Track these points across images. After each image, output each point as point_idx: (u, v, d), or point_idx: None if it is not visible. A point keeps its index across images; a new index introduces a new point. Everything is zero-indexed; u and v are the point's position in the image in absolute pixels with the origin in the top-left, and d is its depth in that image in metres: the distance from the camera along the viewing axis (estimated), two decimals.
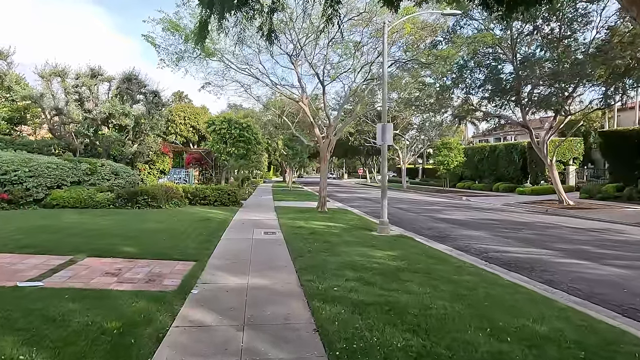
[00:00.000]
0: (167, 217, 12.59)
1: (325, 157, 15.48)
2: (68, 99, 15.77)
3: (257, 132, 23.59)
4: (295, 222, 12.66)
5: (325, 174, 15.67)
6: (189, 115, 37.47)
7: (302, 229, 11.33)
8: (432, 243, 10.23)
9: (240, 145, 22.68)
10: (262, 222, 12.84)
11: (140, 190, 14.49)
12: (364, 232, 11.33)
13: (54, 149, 16.08)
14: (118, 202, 14.04)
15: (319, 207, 15.65)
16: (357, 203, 23.70)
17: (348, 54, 14.18)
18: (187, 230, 10.44)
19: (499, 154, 37.14)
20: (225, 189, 17.57)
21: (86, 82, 16.00)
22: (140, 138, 16.70)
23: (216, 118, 22.59)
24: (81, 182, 14.09)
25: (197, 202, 17.26)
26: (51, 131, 15.84)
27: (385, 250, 8.32)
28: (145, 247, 7.95)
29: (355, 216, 15.20)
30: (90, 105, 16.13)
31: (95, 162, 14.50)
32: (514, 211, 20.26)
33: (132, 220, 11.48)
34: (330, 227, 11.92)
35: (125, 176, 15.20)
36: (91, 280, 5.62)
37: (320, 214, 15.01)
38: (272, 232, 10.96)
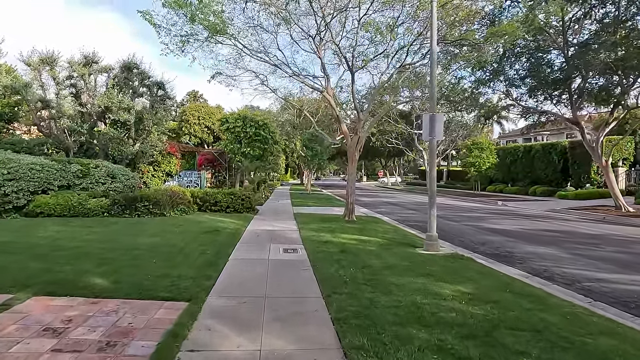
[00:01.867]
0: (168, 228, 10.57)
1: (354, 157, 13.27)
2: (58, 90, 13.97)
3: (274, 130, 21.52)
4: (321, 235, 10.49)
5: (353, 177, 13.47)
6: (203, 115, 35.79)
7: (329, 245, 9.14)
8: (499, 266, 7.92)
9: (256, 145, 20.63)
10: (281, 234, 10.72)
11: (140, 196, 12.54)
12: (407, 249, 9.07)
13: (47, 148, 14.37)
14: (114, 210, 12.11)
15: (346, 216, 13.45)
16: (385, 209, 21.40)
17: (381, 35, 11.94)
18: (188, 246, 8.36)
19: (535, 155, 34.26)
20: (238, 193, 15.53)
21: (78, 70, 14.12)
22: (143, 136, 14.81)
23: (230, 115, 20.63)
24: (71, 186, 12.24)
25: (207, 209, 15.27)
26: (38, 127, 14.04)
27: (452, 283, 6.04)
28: (123, 275, 5.88)
29: (389, 226, 12.93)
30: (84, 98, 14.30)
31: (88, 162, 12.63)
32: (567, 219, 17.64)
33: (124, 233, 9.48)
34: (364, 242, 9.69)
35: (124, 179, 13.30)
36: (10, 349, 3.53)
37: (348, 223, 12.80)
38: (293, 249, 8.80)
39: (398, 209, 21.77)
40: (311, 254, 8.16)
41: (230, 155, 20.96)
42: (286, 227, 12.09)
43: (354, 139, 13.22)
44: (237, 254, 8.03)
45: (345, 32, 13.27)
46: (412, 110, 44.85)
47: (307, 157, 31.76)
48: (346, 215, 13.45)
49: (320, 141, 31.06)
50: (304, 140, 31.57)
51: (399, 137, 47.80)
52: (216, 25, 10.81)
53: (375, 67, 15.34)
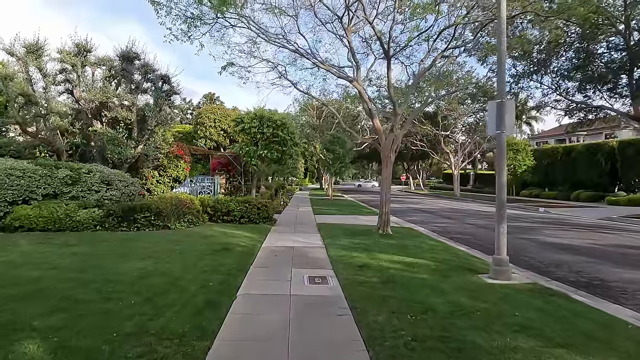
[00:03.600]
0: (167, 246, 8.69)
1: (389, 160, 11.20)
2: (46, 83, 12.29)
3: (293, 131, 19.59)
4: (354, 255, 8.44)
5: (388, 182, 11.38)
6: (219, 118, 34.09)
7: (368, 271, 7.09)
8: (605, 305, 5.71)
9: (274, 147, 18.75)
10: (304, 254, 8.72)
11: (139, 205, 10.73)
12: (471, 278, 6.93)
13: (39, 151, 12.78)
14: (109, 222, 10.32)
15: (380, 228, 11.36)
16: (416, 217, 19.18)
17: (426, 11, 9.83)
18: (186, 275, 6.43)
19: (577, 157, 31.40)
20: (254, 201, 13.63)
21: (69, 60, 12.35)
22: (146, 136, 13.03)
23: (245, 115, 18.77)
24: (59, 194, 10.53)
25: (218, 219, 13.41)
26: (21, 127, 12.38)
27: (578, 354, 3.90)
28: (77, 334, 3.96)
29: (433, 242, 10.77)
30: (77, 93, 12.59)
31: (79, 167, 10.89)
32: (635, 230, 15.12)
33: (110, 255, 7.62)
34: (411, 266, 7.60)
35: (122, 186, 11.51)
36: None
37: (383, 238, 10.72)
38: (322, 277, 6.78)
39: (431, 217, 19.52)
40: (347, 286, 6.13)
41: (246, 159, 19.11)
42: (310, 243, 10.08)
43: (389, 137, 11.16)
44: (248, 286, 6.05)
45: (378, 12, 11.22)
46: (438, 110, 42.49)
47: (328, 160, 29.76)
48: (380, 228, 11.36)
49: (342, 143, 29.05)
50: (324, 143, 29.58)
51: (424, 138, 45.37)
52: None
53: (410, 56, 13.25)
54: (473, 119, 44.27)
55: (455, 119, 43.79)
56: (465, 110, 42.00)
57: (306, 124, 40.60)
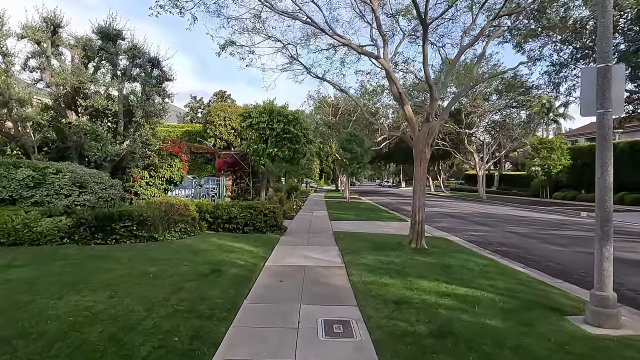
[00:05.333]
0: (139, 268, 6.70)
1: (423, 156, 9.01)
2: (6, 64, 10.33)
3: (307, 127, 17.56)
4: (384, 283, 6.30)
5: (422, 184, 9.16)
6: (229, 116, 32.30)
7: (409, 312, 4.96)
8: None
9: (285, 145, 16.77)
10: (318, 277, 6.63)
11: (118, 213, 8.77)
12: (564, 326, 4.73)
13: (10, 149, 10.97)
14: (79, 233, 8.38)
15: (414, 241, 9.16)
16: (447, 223, 16.92)
17: None
18: (142, 324, 4.38)
19: (618, 156, 28.48)
20: (260, 207, 11.60)
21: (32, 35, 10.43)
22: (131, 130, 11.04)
23: (253, 109, 16.84)
24: (17, 199, 8.65)
25: (219, 227, 11.43)
26: None
27: None
28: None
29: (483, 260, 8.52)
30: (46, 77, 10.69)
31: (44, 166, 8.96)
32: None
33: (54, 284, 5.63)
34: (468, 302, 5.41)
35: (98, 189, 9.54)
36: None
37: (418, 254, 8.53)
38: (343, 322, 4.68)
39: (463, 223, 17.22)
40: (382, 343, 4.04)
41: (254, 158, 17.16)
42: (326, 262, 7.98)
43: (424, 128, 8.97)
44: (232, 344, 3.99)
45: None
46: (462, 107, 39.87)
47: (344, 160, 27.63)
48: (413, 241, 9.16)
49: (359, 142, 26.90)
50: (341, 141, 27.45)
51: (446, 137, 42.78)
52: None
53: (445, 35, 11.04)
54: (499, 116, 41.55)
55: (480, 116, 41.12)
56: (490, 106, 39.33)
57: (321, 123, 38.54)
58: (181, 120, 51.30)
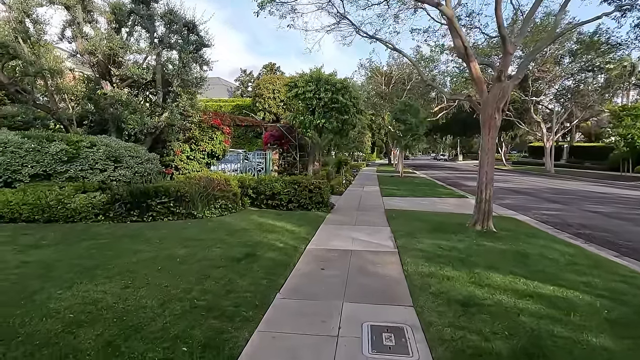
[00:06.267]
0: (168, 250, 6.10)
1: (492, 122, 7.60)
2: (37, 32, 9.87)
3: (357, 96, 16.32)
4: (447, 276, 5.20)
5: (491, 155, 7.76)
6: (278, 88, 31.61)
7: (482, 320, 3.88)
8: None
9: (333, 115, 15.69)
10: (366, 266, 5.66)
11: (154, 189, 8.29)
12: None
13: (54, 123, 10.83)
14: (114, 210, 8.00)
15: (479, 222, 7.88)
16: (512, 200, 15.20)
17: None
18: (151, 325, 3.68)
19: None
20: (305, 182, 10.76)
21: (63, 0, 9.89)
22: (169, 101, 10.45)
23: (299, 78, 15.83)
24: (52, 174, 8.38)
25: (262, 203, 10.78)
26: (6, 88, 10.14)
27: None
28: None
29: (566, 248, 7.09)
30: (78, 45, 10.19)
31: (77, 140, 8.57)
32: None
33: (72, 268, 5.12)
34: (558, 307, 4.21)
35: (133, 163, 9.11)
36: None
37: (485, 238, 7.28)
38: (395, 330, 3.70)
39: (532, 200, 15.40)
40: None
41: (301, 130, 16.28)
42: (376, 245, 6.99)
43: (495, 89, 7.52)
44: (252, 357, 3.16)
45: None
46: (528, 73, 36.21)
47: (398, 132, 26.04)
48: (478, 222, 7.88)
49: (414, 112, 25.12)
50: (394, 112, 25.83)
51: (510, 106, 39.36)
52: None
53: None
54: (571, 82, 37.37)
55: (549, 82, 37.24)
56: (562, 71, 35.38)
57: (373, 93, 36.74)
58: (232, 95, 51.50)
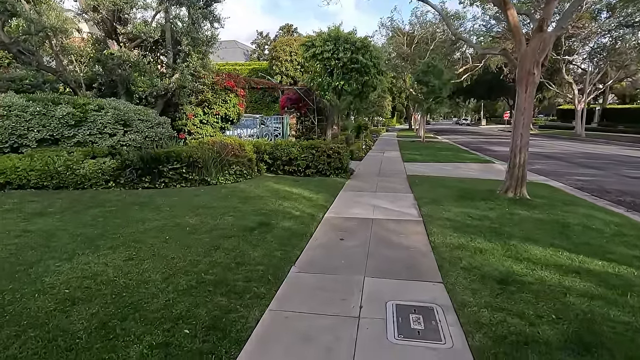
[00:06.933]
0: (178, 218, 5.77)
1: (530, 78, 6.84)
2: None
3: (377, 56, 15.40)
4: (479, 248, 4.71)
5: (528, 115, 7.01)
6: (295, 50, 30.48)
7: (523, 301, 3.41)
8: None
9: (353, 77, 14.89)
10: (389, 236, 5.21)
11: (165, 154, 7.93)
12: None
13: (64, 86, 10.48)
14: (125, 176, 7.71)
15: (511, 189, 7.28)
16: (543, 165, 14.41)
17: None
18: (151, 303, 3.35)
19: None
20: (323, 147, 10.25)
21: None
22: (179, 61, 9.90)
23: (317, 37, 14.97)
24: (60, 139, 8.06)
25: (278, 169, 10.37)
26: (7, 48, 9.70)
27: None
28: None
29: (610, 217, 6.45)
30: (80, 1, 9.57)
31: (84, 102, 8.16)
32: None
33: (76, 238, 4.83)
34: (612, 286, 3.68)
35: (143, 127, 8.71)
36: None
37: (518, 206, 6.70)
38: (424, 311, 3.27)
39: (564, 166, 14.57)
40: (486, 356, 2.58)
41: (319, 93, 15.58)
42: (398, 214, 6.52)
43: (534, 40, 6.70)
44: (262, 342, 2.77)
45: None
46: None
47: (420, 94, 24.95)
48: (510, 189, 7.28)
49: (437, 73, 23.92)
50: (417, 73, 24.66)
51: None
52: None
53: None
54: (608, 39, 34.89)
55: (583, 40, 34.90)
56: (598, 26, 32.98)
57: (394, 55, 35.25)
58: (248, 58, 50.39)
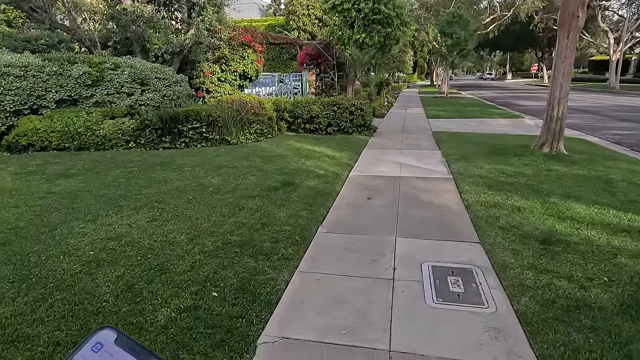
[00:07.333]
0: (201, 178, 5.65)
1: (574, 22, 6.23)
2: None
3: (401, 5, 14.53)
4: (516, 206, 4.44)
5: (569, 64, 6.43)
6: (312, 4, 29.26)
7: (566, 257, 3.18)
8: None
9: (375, 29, 14.19)
10: (418, 194, 4.99)
11: (184, 113, 7.74)
12: None
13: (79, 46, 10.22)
14: (145, 136, 7.59)
15: (547, 144, 6.86)
16: (577, 119, 13.64)
17: None
18: (177, 269, 3.25)
19: None
20: (345, 103, 9.88)
21: None
22: (194, 14, 9.45)
23: None
24: (78, 100, 7.87)
25: (299, 127, 10.11)
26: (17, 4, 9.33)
27: None
28: None
29: None
30: None
31: (100, 61, 7.89)
32: None
33: (99, 200, 4.76)
34: None
35: (161, 86, 8.41)
36: None
37: (555, 162, 6.32)
38: (462, 273, 3.07)
39: (600, 120, 13.81)
40: (534, 322, 2.39)
41: (339, 47, 14.97)
42: (426, 171, 6.24)
43: None
44: (293, 304, 2.64)
45: None
46: None
47: (444, 47, 23.79)
48: (546, 143, 6.86)
49: (463, 24, 22.63)
50: (441, 24, 23.41)
51: None
52: None
53: None
54: None
55: None
56: None
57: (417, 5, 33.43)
58: (264, 14, 48.76)
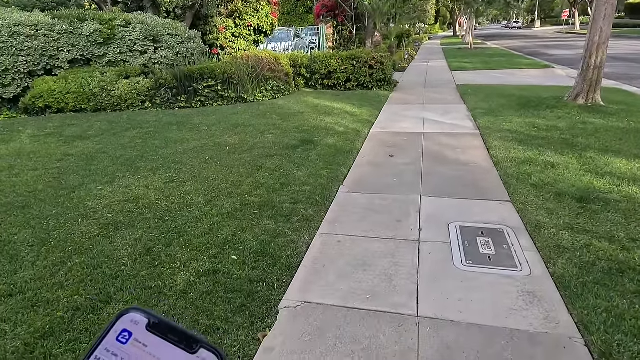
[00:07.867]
0: (218, 137, 5.52)
1: None
2: None
3: None
4: (548, 159, 4.18)
5: (611, 4, 5.85)
6: None
7: (605, 216, 3.01)
8: None
9: None
10: (443, 152, 4.77)
11: (199, 71, 7.51)
12: None
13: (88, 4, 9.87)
14: (160, 96, 7.43)
15: (583, 95, 6.40)
16: (613, 68, 12.68)
17: None
18: (195, 231, 3.19)
19: None
20: (365, 57, 9.43)
21: None
22: None
23: None
24: (91, 59, 7.65)
25: (317, 83, 9.78)
26: None
27: None
28: None
29: None
30: None
31: (110, 18, 7.53)
32: None
33: (116, 161, 4.68)
34: None
35: (174, 42, 8.01)
36: None
37: (591, 114, 5.91)
38: (491, 230, 2.90)
39: (636, 68, 12.89)
40: (571, 286, 2.23)
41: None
42: (451, 126, 5.95)
43: None
44: (315, 268, 2.54)
45: None
46: None
47: None
48: (581, 94, 6.40)
49: None
50: None
51: None
52: None
53: None
54: None
55: None
56: None
57: None
58: None
